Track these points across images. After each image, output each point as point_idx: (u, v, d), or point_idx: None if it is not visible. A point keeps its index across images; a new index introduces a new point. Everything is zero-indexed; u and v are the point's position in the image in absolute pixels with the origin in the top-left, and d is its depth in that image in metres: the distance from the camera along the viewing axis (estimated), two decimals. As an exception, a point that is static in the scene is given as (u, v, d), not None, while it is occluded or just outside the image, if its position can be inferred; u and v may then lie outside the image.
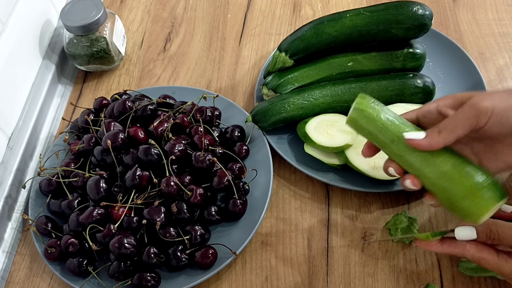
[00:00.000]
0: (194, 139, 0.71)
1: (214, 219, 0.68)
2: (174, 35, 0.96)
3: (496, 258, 0.54)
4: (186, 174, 0.69)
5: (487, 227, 0.54)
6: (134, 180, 0.66)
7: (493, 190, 0.51)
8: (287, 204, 0.74)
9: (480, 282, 0.64)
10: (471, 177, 0.52)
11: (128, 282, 0.64)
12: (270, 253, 0.70)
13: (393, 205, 0.72)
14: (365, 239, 0.69)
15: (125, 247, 0.63)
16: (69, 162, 0.74)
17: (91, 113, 0.78)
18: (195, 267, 0.66)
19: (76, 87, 0.91)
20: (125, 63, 0.93)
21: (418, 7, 0.75)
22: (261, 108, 0.76)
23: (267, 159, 0.73)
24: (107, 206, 0.66)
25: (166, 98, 0.79)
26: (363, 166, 0.70)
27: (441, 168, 0.53)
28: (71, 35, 0.85)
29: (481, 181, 0.52)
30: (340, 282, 0.66)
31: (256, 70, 0.89)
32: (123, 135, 0.69)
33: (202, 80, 0.89)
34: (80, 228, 0.66)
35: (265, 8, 0.98)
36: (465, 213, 0.52)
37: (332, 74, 0.77)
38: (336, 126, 0.73)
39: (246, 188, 0.71)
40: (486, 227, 0.54)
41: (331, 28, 0.77)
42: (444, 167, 0.53)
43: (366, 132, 0.57)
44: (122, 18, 0.99)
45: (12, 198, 0.75)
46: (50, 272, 0.71)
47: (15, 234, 0.74)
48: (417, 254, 0.67)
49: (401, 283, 0.65)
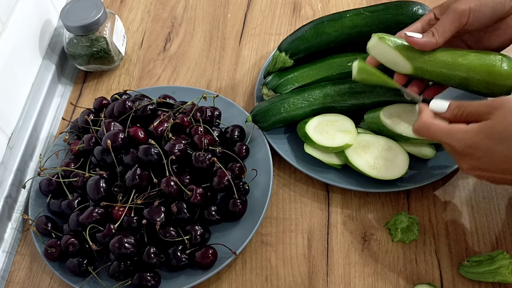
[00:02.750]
0: (194, 139, 0.71)
1: (214, 219, 0.68)
2: (174, 35, 0.96)
3: (447, 125, 0.58)
4: (186, 174, 0.69)
5: (458, 104, 0.58)
6: (134, 180, 0.66)
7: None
8: (287, 204, 0.74)
9: (480, 282, 0.64)
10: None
11: (128, 282, 0.65)
12: (270, 253, 0.70)
13: (393, 205, 0.72)
14: (365, 239, 0.69)
15: (125, 247, 0.63)
16: (69, 162, 0.74)
17: (91, 113, 0.78)
18: (195, 267, 0.66)
19: (76, 87, 0.91)
20: (125, 63, 0.93)
21: (418, 7, 0.75)
22: (261, 108, 0.76)
23: (267, 159, 0.73)
24: (107, 206, 0.66)
25: (166, 98, 0.79)
26: (363, 166, 0.70)
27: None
28: (71, 35, 0.85)
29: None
30: (340, 282, 0.66)
31: (256, 70, 0.89)
32: (123, 135, 0.69)
33: (202, 80, 0.89)
34: (80, 228, 0.66)
35: (265, 8, 0.98)
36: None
37: (332, 74, 0.77)
38: (336, 126, 0.73)
39: (246, 188, 0.71)
40: (458, 104, 0.58)
41: (331, 28, 0.77)
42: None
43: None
44: (122, 18, 0.99)
45: (12, 198, 0.75)
46: (50, 272, 0.71)
47: (15, 234, 0.74)
48: (417, 254, 0.67)
49: (401, 283, 0.65)
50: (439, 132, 0.58)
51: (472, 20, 0.62)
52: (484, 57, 0.63)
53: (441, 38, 0.63)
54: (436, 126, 0.58)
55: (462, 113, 0.57)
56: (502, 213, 0.70)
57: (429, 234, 0.69)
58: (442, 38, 0.63)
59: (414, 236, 0.68)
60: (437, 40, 0.63)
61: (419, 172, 0.71)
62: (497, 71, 0.62)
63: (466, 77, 0.63)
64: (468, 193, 0.72)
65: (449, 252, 0.67)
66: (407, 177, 0.70)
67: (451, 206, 0.71)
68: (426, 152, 0.71)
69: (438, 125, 0.58)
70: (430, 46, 0.63)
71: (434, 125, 0.58)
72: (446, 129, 0.57)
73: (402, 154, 0.70)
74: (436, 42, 0.63)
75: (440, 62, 0.64)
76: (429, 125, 0.58)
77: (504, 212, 0.69)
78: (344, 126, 0.73)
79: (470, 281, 0.65)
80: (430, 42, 0.63)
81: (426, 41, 0.63)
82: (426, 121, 0.59)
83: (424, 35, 0.64)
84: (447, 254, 0.67)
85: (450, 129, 0.57)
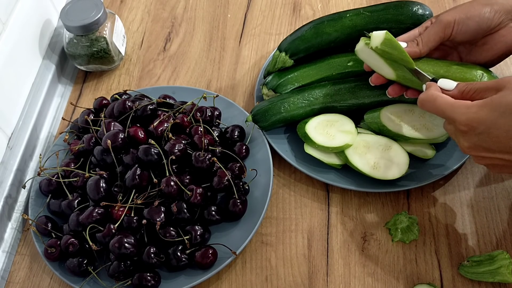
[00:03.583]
0: (194, 139, 0.71)
1: (214, 219, 0.68)
2: (174, 35, 0.96)
3: (453, 99, 0.58)
4: (186, 174, 0.69)
5: (466, 82, 0.59)
6: (134, 180, 0.66)
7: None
8: (287, 204, 0.74)
9: (480, 282, 0.64)
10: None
11: (128, 282, 0.65)
12: (270, 253, 0.70)
13: (393, 205, 0.72)
14: (365, 239, 0.69)
15: (125, 247, 0.63)
16: (69, 162, 0.74)
17: (91, 113, 0.78)
18: (195, 267, 0.66)
19: (76, 87, 0.91)
20: (125, 63, 0.93)
21: (418, 7, 0.75)
22: (261, 108, 0.76)
23: (267, 159, 0.73)
24: (107, 206, 0.66)
25: (166, 98, 0.79)
26: (363, 166, 0.70)
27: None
28: (71, 35, 0.85)
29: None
30: (340, 282, 0.66)
31: (256, 70, 0.89)
32: (123, 135, 0.69)
33: (202, 80, 0.89)
34: (80, 228, 0.66)
35: (265, 8, 0.98)
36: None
37: (332, 74, 0.77)
38: (336, 126, 0.73)
39: (246, 188, 0.71)
40: (466, 82, 0.59)
41: (331, 28, 0.77)
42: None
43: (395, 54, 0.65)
44: (122, 18, 0.99)
45: (12, 198, 0.75)
46: (50, 272, 0.71)
47: (15, 234, 0.74)
48: (417, 254, 0.67)
49: (401, 283, 0.65)
50: (443, 104, 0.58)
51: (456, 32, 0.65)
52: (466, 70, 0.66)
53: (425, 48, 0.66)
54: (442, 98, 0.58)
55: (470, 90, 0.58)
56: (502, 213, 0.70)
57: (429, 234, 0.69)
58: (426, 48, 0.66)
59: (414, 236, 0.68)
60: (420, 49, 0.66)
61: (419, 172, 0.71)
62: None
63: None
64: (468, 193, 0.72)
65: (449, 252, 0.67)
66: (407, 177, 0.70)
67: (451, 206, 0.71)
68: (426, 152, 0.71)
69: (444, 98, 0.58)
70: (413, 55, 0.66)
71: (440, 97, 0.58)
72: (451, 102, 0.57)
73: (402, 154, 0.70)
74: (419, 51, 0.66)
75: (423, 70, 0.65)
76: (435, 97, 0.58)
77: (504, 212, 0.69)
78: (344, 126, 0.73)
79: (470, 281, 0.65)
80: (413, 52, 0.66)
81: (410, 50, 0.66)
82: (433, 93, 0.59)
83: (409, 44, 0.67)
84: (447, 254, 0.67)
85: (454, 102, 0.57)
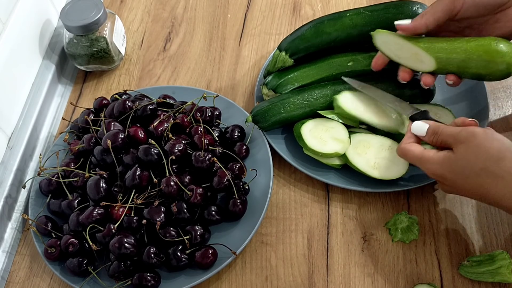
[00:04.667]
0: (194, 139, 0.71)
1: (214, 219, 0.68)
2: (174, 35, 0.96)
3: (420, 152, 0.61)
4: (186, 174, 0.69)
5: (434, 130, 0.61)
6: (134, 180, 0.66)
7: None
8: (287, 204, 0.74)
9: (480, 282, 0.64)
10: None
11: (128, 282, 0.65)
12: (270, 253, 0.70)
13: (393, 205, 0.72)
14: (365, 239, 0.69)
15: (125, 247, 0.63)
16: (69, 162, 0.74)
17: (91, 113, 0.78)
18: (195, 267, 0.66)
19: (76, 87, 0.91)
20: (125, 63, 0.93)
21: (418, 6, 0.75)
22: (261, 108, 0.76)
23: (267, 159, 0.73)
24: (107, 206, 0.66)
25: (166, 98, 0.79)
26: (363, 166, 0.70)
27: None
28: (71, 35, 0.85)
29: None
30: (340, 282, 0.66)
31: (256, 70, 0.89)
32: (123, 135, 0.69)
33: (202, 80, 0.89)
34: (80, 228, 0.66)
35: (265, 8, 0.98)
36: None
37: (332, 74, 0.77)
38: (330, 132, 0.72)
39: (246, 188, 0.71)
40: (433, 130, 0.61)
41: (331, 27, 0.77)
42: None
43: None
44: (122, 18, 0.99)
45: (12, 198, 0.75)
46: (50, 272, 0.71)
47: (15, 234, 0.74)
48: (417, 254, 0.67)
49: (401, 283, 0.65)
50: (412, 158, 0.62)
51: (467, 5, 0.63)
52: (480, 39, 0.65)
53: (430, 18, 0.64)
54: (411, 153, 0.62)
55: (437, 141, 0.61)
56: (502, 213, 0.70)
57: (429, 234, 0.69)
58: (431, 18, 0.64)
59: (414, 236, 0.68)
60: (426, 20, 0.64)
61: (419, 172, 0.71)
62: (494, 49, 0.63)
63: (464, 59, 0.64)
64: (468, 193, 0.72)
65: (449, 252, 0.67)
66: (407, 177, 0.70)
67: (451, 206, 0.71)
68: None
69: (413, 152, 0.62)
70: (420, 27, 0.65)
71: (409, 151, 0.62)
72: (419, 157, 0.61)
73: (402, 154, 0.70)
74: (425, 23, 0.64)
75: (437, 48, 0.65)
76: (405, 151, 0.62)
77: (504, 212, 0.69)
78: (338, 134, 0.72)
79: (470, 281, 0.65)
80: (419, 24, 0.64)
81: (415, 23, 0.65)
82: (403, 147, 0.63)
83: (413, 19, 0.65)
84: (447, 254, 0.67)
85: (421, 157, 0.61)
